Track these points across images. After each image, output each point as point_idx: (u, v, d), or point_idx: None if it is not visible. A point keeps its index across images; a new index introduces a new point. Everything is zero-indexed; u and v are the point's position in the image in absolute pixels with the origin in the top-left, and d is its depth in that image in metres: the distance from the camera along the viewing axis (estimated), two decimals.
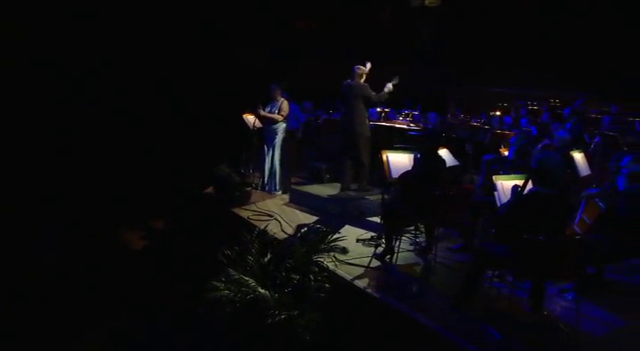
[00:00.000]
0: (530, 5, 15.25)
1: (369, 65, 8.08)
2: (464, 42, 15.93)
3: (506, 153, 6.99)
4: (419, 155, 6.11)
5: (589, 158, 7.82)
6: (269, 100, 9.04)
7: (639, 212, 5.26)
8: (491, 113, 13.29)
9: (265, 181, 9.17)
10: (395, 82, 8.03)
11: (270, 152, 9.00)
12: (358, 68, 7.99)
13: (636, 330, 4.75)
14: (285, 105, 8.90)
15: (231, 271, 5.63)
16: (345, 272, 5.75)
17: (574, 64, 14.01)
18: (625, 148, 9.14)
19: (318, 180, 9.32)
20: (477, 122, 11.91)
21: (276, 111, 8.87)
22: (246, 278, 5.55)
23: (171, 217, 9.13)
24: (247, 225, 7.36)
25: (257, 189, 9.23)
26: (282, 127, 8.97)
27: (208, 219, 8.36)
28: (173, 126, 11.77)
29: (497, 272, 5.08)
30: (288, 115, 9.03)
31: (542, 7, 15.03)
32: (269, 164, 9.05)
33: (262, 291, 5.38)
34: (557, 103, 14.28)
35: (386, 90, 8.01)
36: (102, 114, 11.50)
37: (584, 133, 9.62)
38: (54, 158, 10.23)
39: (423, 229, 6.58)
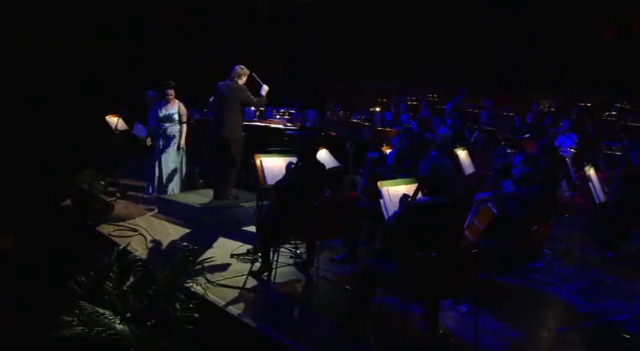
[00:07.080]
0: (405, 2, 15.24)
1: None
2: (341, 37, 15.67)
3: (388, 151, 6.57)
4: (293, 163, 5.52)
5: (471, 155, 7.64)
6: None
7: (528, 215, 5.08)
8: (371, 109, 13.05)
9: (164, 186, 8.44)
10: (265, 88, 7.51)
11: (173, 155, 8.39)
12: (240, 68, 7.27)
13: (533, 340, 4.51)
14: (182, 107, 8.40)
15: (84, 304, 4.79)
16: (218, 296, 5.05)
17: (448, 59, 14.10)
18: (502, 143, 9.13)
19: (191, 185, 8.58)
20: (357, 119, 11.59)
21: (176, 114, 8.31)
22: (102, 311, 4.70)
23: (21, 235, 8.06)
24: (108, 243, 6.50)
25: (122, 199, 8.41)
26: (184, 128, 8.43)
27: (64, 237, 7.39)
28: (28, 129, 10.60)
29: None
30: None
31: (417, 4, 15.05)
32: (174, 165, 8.42)
33: (120, 327, 4.57)
34: (436, 98, 14.26)
35: (263, 93, 7.47)
36: None
37: (465, 129, 9.53)
38: None
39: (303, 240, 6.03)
